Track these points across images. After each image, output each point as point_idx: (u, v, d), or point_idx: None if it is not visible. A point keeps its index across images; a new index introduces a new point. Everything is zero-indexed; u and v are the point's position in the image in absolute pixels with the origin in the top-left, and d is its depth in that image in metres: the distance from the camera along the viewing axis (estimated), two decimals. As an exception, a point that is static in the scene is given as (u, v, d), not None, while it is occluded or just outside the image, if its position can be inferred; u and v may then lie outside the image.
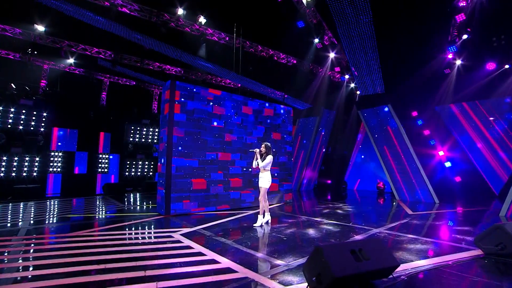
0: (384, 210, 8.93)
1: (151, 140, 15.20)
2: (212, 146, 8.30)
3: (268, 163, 6.31)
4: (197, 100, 8.09)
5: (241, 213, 7.88)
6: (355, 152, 15.13)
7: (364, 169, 14.69)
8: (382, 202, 10.68)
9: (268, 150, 6.41)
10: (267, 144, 6.45)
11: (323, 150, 15.45)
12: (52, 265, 3.78)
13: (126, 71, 13.88)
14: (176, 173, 7.55)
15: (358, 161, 14.95)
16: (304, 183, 15.18)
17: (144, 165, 14.94)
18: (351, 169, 15.20)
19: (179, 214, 7.54)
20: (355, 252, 3.16)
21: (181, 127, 7.72)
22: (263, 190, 6.33)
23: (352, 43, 8.60)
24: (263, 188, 6.33)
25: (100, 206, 9.37)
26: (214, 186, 8.26)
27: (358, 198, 11.66)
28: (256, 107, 9.48)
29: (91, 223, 6.66)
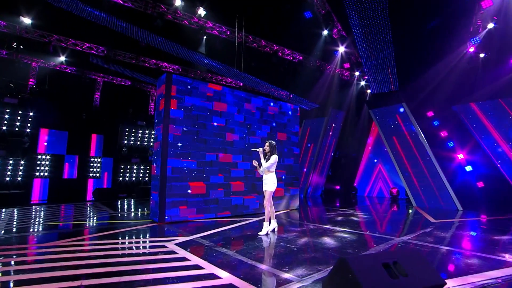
0: (402, 218, 8.37)
1: (147, 143, 14.75)
2: (212, 146, 7.81)
3: (272, 164, 5.82)
4: (195, 96, 7.63)
5: (243, 221, 7.36)
6: (365, 156, 14.58)
7: (375, 174, 14.12)
8: (397, 209, 10.12)
9: (272, 149, 5.92)
10: (271, 142, 5.97)
11: (331, 153, 14.93)
12: (22, 281, 3.27)
13: (121, 69, 13.50)
14: (172, 175, 7.05)
15: (369, 165, 14.39)
16: (311, 189, 14.64)
17: (139, 170, 14.47)
18: (361, 173, 14.64)
19: (175, 221, 7.02)
20: (389, 266, 2.64)
21: (178, 125, 7.24)
22: (268, 194, 5.83)
23: (365, 34, 8.16)
24: (268, 191, 5.82)
25: (90, 213, 8.87)
26: (214, 191, 7.75)
27: (370, 204, 11.10)
28: (260, 104, 9.01)
29: (77, 232, 6.15)
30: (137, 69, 13.66)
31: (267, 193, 5.85)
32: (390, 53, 8.55)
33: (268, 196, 5.84)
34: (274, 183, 5.86)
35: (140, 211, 9.19)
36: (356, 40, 8.58)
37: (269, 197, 5.84)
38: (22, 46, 10.93)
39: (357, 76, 12.98)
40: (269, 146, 5.93)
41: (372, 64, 9.32)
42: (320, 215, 8.64)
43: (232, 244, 5.03)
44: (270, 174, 5.85)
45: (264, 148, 5.99)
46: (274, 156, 5.85)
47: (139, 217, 8.21)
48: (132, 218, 8.04)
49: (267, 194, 5.85)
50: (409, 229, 6.40)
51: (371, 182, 14.28)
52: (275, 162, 5.87)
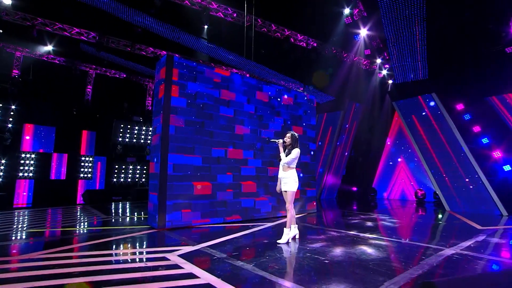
0: (438, 224, 7.62)
1: (143, 140, 14.10)
2: (220, 140, 7.10)
3: (294, 159, 5.13)
4: (200, 82, 6.93)
5: (256, 226, 6.65)
6: (385, 153, 13.79)
7: (397, 174, 13.32)
8: (428, 213, 9.35)
9: (294, 142, 5.23)
10: (293, 133, 5.27)
11: (347, 151, 14.18)
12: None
13: (114, 59, 12.84)
14: (174, 174, 6.34)
15: (389, 164, 13.59)
16: (325, 190, 13.89)
17: (135, 170, 13.80)
18: (381, 173, 13.87)
19: (177, 227, 6.31)
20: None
21: (180, 115, 6.54)
22: (289, 195, 5.12)
23: (393, 10, 7.40)
24: (290, 192, 5.12)
25: (80, 218, 8.17)
26: (221, 192, 7.03)
27: (394, 208, 10.35)
28: (273, 93, 8.31)
29: (64, 240, 5.46)
30: (132, 58, 12.99)
31: (288, 194, 5.14)
32: (422, 33, 7.79)
33: (290, 197, 5.13)
34: (296, 182, 5.16)
35: (136, 216, 8.48)
36: (383, 19, 7.83)
37: (291, 199, 5.14)
38: (1, 30, 10.26)
39: (379, 64, 12.22)
40: (290, 138, 5.23)
41: (399, 47, 8.58)
42: (342, 219, 7.91)
43: (247, 255, 4.32)
44: (291, 171, 5.16)
45: (284, 139, 5.31)
46: (296, 150, 5.16)
47: (136, 222, 7.49)
48: (127, 223, 7.33)
49: (288, 195, 5.14)
50: (456, 237, 5.65)
51: (391, 183, 13.50)
52: (296, 157, 5.17)
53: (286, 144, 5.26)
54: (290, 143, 5.22)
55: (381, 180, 13.87)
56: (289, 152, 5.20)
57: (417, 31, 7.85)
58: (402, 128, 12.71)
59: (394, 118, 13.04)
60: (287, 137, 5.29)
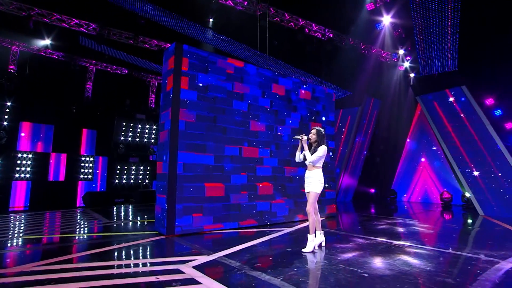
0: (477, 230, 7.11)
1: (147, 139, 13.73)
2: (233, 137, 6.66)
3: (320, 157, 4.72)
4: (212, 73, 6.49)
5: (273, 232, 6.20)
6: (405, 152, 13.22)
7: (418, 174, 12.75)
8: (460, 218, 8.82)
9: (321, 138, 4.82)
10: (319, 129, 4.87)
11: (365, 150, 13.65)
12: None
13: (116, 52, 12.46)
14: (184, 174, 5.91)
15: (410, 163, 13.01)
16: (341, 192, 13.38)
17: (138, 171, 13.43)
18: (401, 174, 13.32)
19: (187, 232, 5.88)
20: None
21: (190, 109, 6.10)
22: (312, 197, 4.70)
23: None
24: (313, 193, 4.70)
25: (80, 222, 7.78)
26: (236, 194, 6.59)
27: (419, 212, 9.82)
28: (289, 86, 7.85)
29: (62, 249, 5.05)
30: (135, 51, 12.61)
31: (310, 196, 4.72)
32: (455, 19, 7.24)
33: (313, 199, 4.71)
34: (321, 183, 4.75)
35: (141, 220, 8.06)
36: (410, 3, 7.30)
37: (314, 201, 4.72)
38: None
39: (401, 55, 11.65)
40: (316, 134, 4.83)
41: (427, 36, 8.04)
42: (365, 224, 7.42)
43: (272, 267, 3.87)
44: (316, 171, 4.75)
45: (309, 136, 4.87)
46: (322, 147, 4.73)
47: (141, 228, 7.07)
48: (132, 229, 6.90)
49: (311, 197, 4.71)
50: (505, 247, 5.15)
51: (412, 185, 12.95)
52: (323, 155, 4.74)
53: (312, 140, 4.84)
54: (315, 139, 4.81)
55: (401, 181, 13.32)
56: (315, 150, 4.78)
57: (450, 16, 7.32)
58: (425, 125, 12.16)
59: (416, 114, 12.50)
60: (312, 133, 4.87)
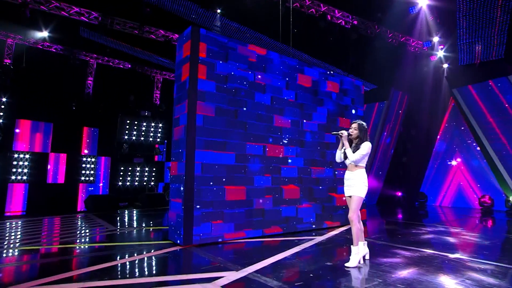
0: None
1: (152, 138, 13.37)
2: (256, 134, 6.19)
3: (364, 155, 4.27)
4: (232, 61, 6.02)
5: (302, 241, 5.72)
6: (437, 151, 12.61)
7: (451, 176, 12.12)
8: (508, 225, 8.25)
9: (363, 134, 4.36)
10: (361, 123, 4.40)
11: (391, 149, 13.09)
12: None
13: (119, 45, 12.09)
14: (202, 175, 5.45)
15: (443, 164, 12.40)
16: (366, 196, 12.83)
17: (143, 172, 13.06)
18: (431, 176, 12.74)
19: (206, 242, 5.42)
20: None
21: (209, 102, 5.64)
22: (356, 202, 4.25)
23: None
24: (356, 198, 4.25)
25: (82, 230, 7.36)
26: (259, 198, 6.12)
27: (459, 218, 9.24)
28: (315, 77, 7.36)
29: (61, 264, 4.62)
30: (140, 43, 12.21)
31: (353, 201, 4.26)
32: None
33: (357, 205, 4.25)
34: (365, 185, 4.31)
35: (150, 227, 7.61)
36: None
37: (357, 207, 4.26)
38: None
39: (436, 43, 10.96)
40: (358, 129, 4.35)
41: (470, 19, 7.50)
42: (404, 233, 6.89)
43: (317, 287, 3.39)
44: (359, 171, 4.30)
45: (349, 131, 4.39)
46: (366, 144, 4.28)
47: (152, 236, 6.62)
48: (142, 238, 6.46)
49: (354, 202, 4.25)
50: None
51: (444, 187, 12.36)
52: (367, 152, 4.28)
53: (353, 136, 4.38)
54: (357, 135, 4.35)
55: (431, 183, 12.75)
56: (357, 147, 4.31)
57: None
58: (459, 121, 11.59)
59: (449, 109, 11.92)
60: (353, 127, 4.40)
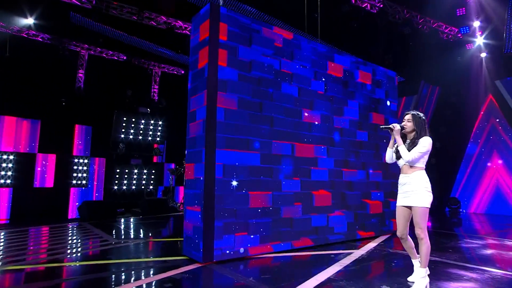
0: None
1: (151, 137, 12.90)
2: (283, 131, 5.68)
3: (423, 153, 3.63)
4: (256, 45, 5.51)
5: (339, 255, 5.21)
6: (471, 152, 12.09)
7: (489, 179, 11.57)
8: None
9: (421, 127, 3.73)
10: (416, 114, 3.80)
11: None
12: None
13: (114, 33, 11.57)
14: (224, 179, 4.92)
15: (478, 166, 11.87)
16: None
17: (141, 174, 12.56)
18: (464, 179, 12.24)
19: (230, 258, 4.89)
20: None
21: (230, 93, 5.12)
22: (420, 215, 3.55)
23: None
24: (421, 209, 3.55)
25: (75, 242, 6.82)
26: (288, 206, 5.59)
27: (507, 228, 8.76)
28: (347, 66, 6.87)
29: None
30: (139, 31, 11.70)
31: (418, 213, 3.56)
32: None
33: (422, 218, 3.54)
34: (429, 191, 3.61)
35: (158, 239, 7.07)
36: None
37: (423, 220, 3.55)
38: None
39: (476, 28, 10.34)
40: (413, 121, 3.75)
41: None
42: (452, 246, 6.38)
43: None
44: (417, 173, 3.64)
45: (402, 124, 3.81)
46: (425, 139, 3.65)
47: (162, 250, 6.09)
48: (150, 252, 5.91)
49: (418, 215, 3.55)
50: None
51: (480, 192, 11.85)
52: (428, 150, 3.65)
53: (407, 130, 3.77)
54: (412, 128, 3.74)
55: (464, 187, 12.24)
56: (413, 144, 3.70)
57: None
58: (498, 117, 11.09)
59: (485, 105, 11.42)
60: (406, 119, 3.80)
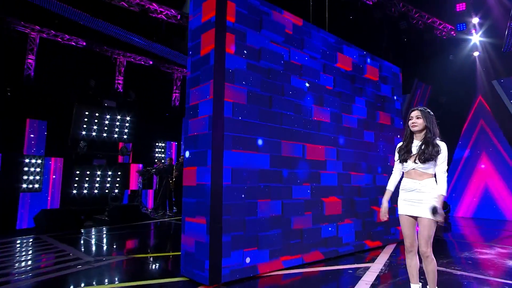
0: None
1: (118, 135, 12.12)
2: (293, 129, 5.32)
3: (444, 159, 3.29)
4: (266, 30, 5.10)
5: (356, 270, 4.98)
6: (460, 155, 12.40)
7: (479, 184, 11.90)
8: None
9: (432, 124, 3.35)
10: (425, 109, 3.42)
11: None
12: None
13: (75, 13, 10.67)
14: (232, 186, 4.47)
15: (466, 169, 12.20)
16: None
17: (105, 177, 11.74)
18: (453, 183, 12.54)
19: (239, 278, 4.46)
20: None
21: (239, 85, 4.67)
22: (429, 227, 3.24)
23: None
24: (432, 221, 3.22)
25: (31, 263, 6.05)
26: (298, 216, 5.24)
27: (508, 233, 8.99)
28: (355, 59, 6.63)
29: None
30: (105, 13, 10.87)
31: (426, 226, 3.23)
32: None
33: (431, 232, 3.24)
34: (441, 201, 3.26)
35: (143, 254, 6.44)
36: None
37: (431, 234, 3.25)
38: None
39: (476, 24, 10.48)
40: (423, 117, 3.34)
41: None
42: (457, 254, 6.36)
43: None
44: (430, 181, 3.32)
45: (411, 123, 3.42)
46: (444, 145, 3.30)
47: (152, 269, 5.50)
48: (137, 273, 5.31)
49: (426, 228, 3.23)
50: None
51: (468, 196, 12.17)
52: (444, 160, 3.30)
53: (417, 129, 3.35)
54: (424, 125, 3.34)
55: (453, 191, 12.54)
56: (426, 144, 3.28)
57: None
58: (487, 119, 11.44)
59: (474, 106, 11.75)
60: (415, 116, 3.37)
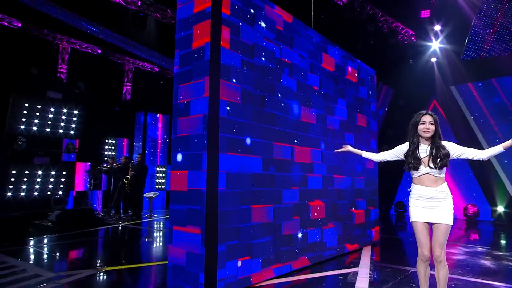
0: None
1: (63, 130, 11.32)
2: (283, 131, 5.26)
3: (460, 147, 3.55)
4: (259, 26, 4.97)
5: (342, 275, 5.05)
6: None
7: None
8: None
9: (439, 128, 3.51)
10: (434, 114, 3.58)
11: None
12: None
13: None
14: (228, 191, 4.29)
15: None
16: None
17: (47, 177, 10.90)
18: (407, 183, 13.29)
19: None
20: None
21: (234, 83, 4.49)
22: (446, 233, 3.39)
23: None
24: (449, 226, 3.39)
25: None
26: (287, 221, 5.19)
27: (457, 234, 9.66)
28: (338, 59, 6.73)
29: None
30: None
31: (444, 232, 3.37)
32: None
33: (446, 238, 3.40)
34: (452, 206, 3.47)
35: (116, 267, 5.98)
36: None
37: (446, 240, 3.41)
38: None
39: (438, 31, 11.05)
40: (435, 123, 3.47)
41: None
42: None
43: None
44: (445, 186, 3.49)
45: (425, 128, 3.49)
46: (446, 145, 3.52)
47: (132, 285, 5.13)
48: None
49: (444, 233, 3.37)
50: None
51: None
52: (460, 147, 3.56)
53: (429, 135, 3.48)
54: (435, 131, 3.47)
55: (405, 192, 13.30)
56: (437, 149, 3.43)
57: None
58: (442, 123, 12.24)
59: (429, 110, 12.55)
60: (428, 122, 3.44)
